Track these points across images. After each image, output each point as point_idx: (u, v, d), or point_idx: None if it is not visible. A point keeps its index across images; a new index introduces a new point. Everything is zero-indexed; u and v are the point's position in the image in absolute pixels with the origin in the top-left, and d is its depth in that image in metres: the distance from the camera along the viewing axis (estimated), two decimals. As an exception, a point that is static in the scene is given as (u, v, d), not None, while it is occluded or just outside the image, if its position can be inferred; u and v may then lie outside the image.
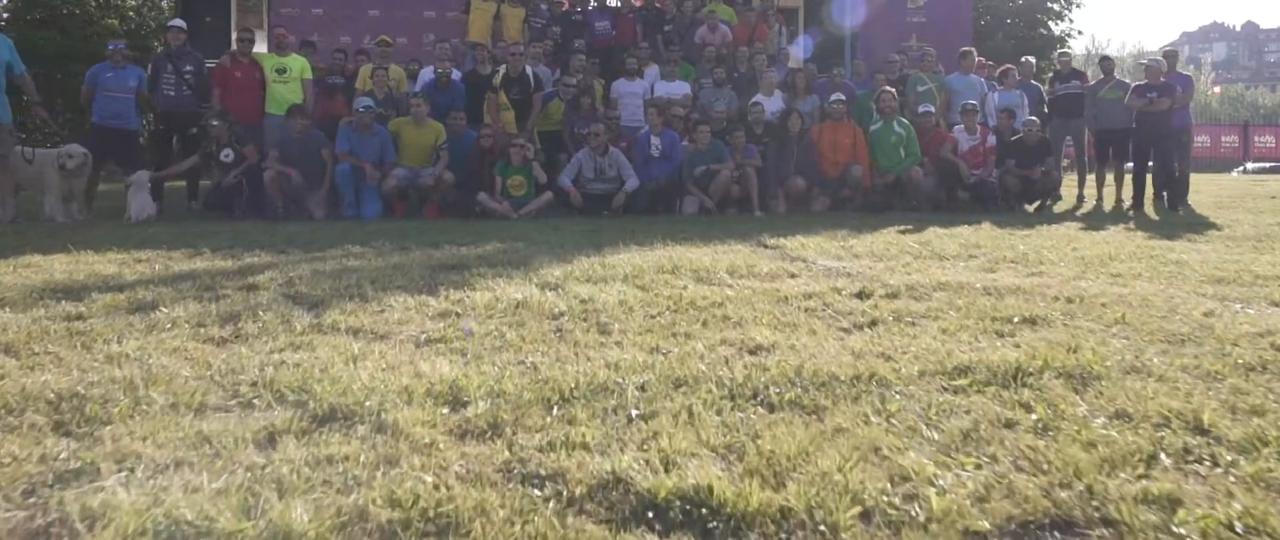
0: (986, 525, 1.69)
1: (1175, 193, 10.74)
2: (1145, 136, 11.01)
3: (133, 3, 20.64)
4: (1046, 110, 12.49)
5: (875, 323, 3.43)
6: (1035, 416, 2.27)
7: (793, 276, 4.69)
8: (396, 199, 9.18)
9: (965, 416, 2.28)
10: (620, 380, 2.58)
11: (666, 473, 1.88)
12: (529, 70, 9.95)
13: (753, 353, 2.97)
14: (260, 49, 10.76)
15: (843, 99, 10.05)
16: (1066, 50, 13.33)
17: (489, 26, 11.92)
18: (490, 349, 3.01)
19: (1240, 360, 2.84)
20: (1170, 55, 12.06)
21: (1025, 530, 1.69)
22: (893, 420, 2.25)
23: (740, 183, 9.51)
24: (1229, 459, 1.99)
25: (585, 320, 3.47)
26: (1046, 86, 13.19)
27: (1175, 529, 1.67)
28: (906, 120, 10.05)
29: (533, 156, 9.47)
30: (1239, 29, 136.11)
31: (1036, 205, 10.33)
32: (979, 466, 1.96)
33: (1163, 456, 2.00)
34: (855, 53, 13.85)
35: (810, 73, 11.55)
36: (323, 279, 4.55)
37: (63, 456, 2.00)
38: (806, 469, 1.92)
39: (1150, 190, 10.91)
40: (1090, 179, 12.05)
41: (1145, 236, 6.98)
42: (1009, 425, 2.23)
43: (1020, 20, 25.34)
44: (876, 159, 9.93)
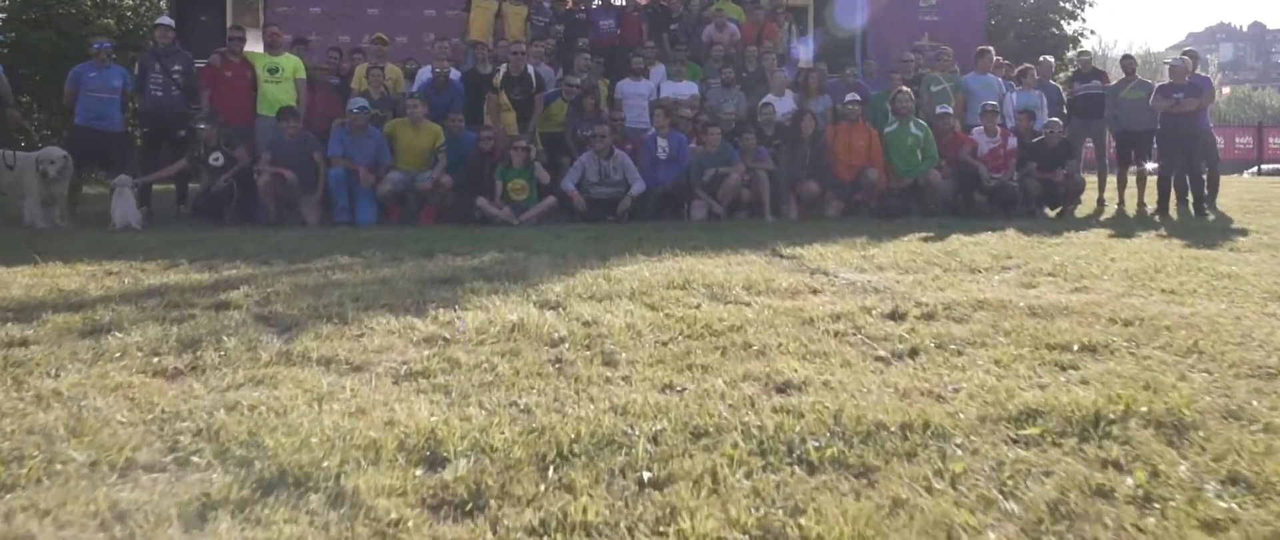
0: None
1: (1204, 195, 10.30)
2: (1171, 138, 10.59)
3: (130, 2, 20.27)
4: (1065, 111, 12.11)
5: (916, 352, 3.03)
6: (1132, 482, 1.88)
7: (815, 292, 4.30)
8: (392, 204, 8.80)
9: (1047, 482, 1.88)
10: (629, 430, 2.18)
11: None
12: (531, 70, 9.56)
13: (781, 391, 2.57)
14: (257, 48, 10.39)
15: (858, 99, 9.64)
16: (1086, 49, 12.93)
17: (490, 25, 11.54)
18: (478, 385, 2.62)
19: (1348, 401, 2.44)
20: (1191, 55, 11.64)
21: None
22: (960, 486, 1.86)
23: (751, 187, 9.11)
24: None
25: (588, 348, 3.08)
26: (1065, 86, 12.80)
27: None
28: (923, 122, 9.64)
29: (534, 159, 9.08)
30: (1245, 29, 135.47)
31: (1058, 210, 9.91)
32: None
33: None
34: (866, 52, 13.44)
35: (821, 72, 11.14)
36: (302, 296, 4.16)
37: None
38: (864, 561, 1.53)
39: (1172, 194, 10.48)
40: (1111, 182, 11.64)
41: (1182, 245, 6.57)
42: (1103, 494, 1.83)
43: (1031, 20, 24.91)
44: (892, 162, 9.52)
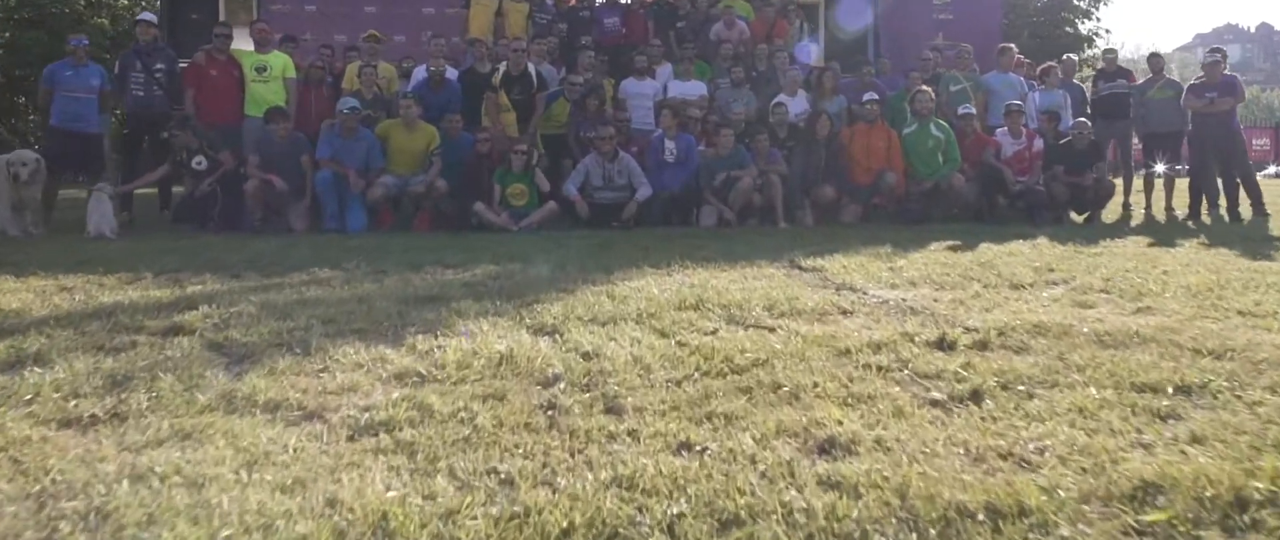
0: None
1: (1252, 201, 9.79)
2: (1204, 140, 10.09)
3: (124, 1, 19.89)
4: (1088, 111, 11.61)
5: (979, 395, 2.54)
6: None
7: (845, 314, 3.81)
8: (384, 209, 8.33)
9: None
10: (637, 515, 1.70)
11: None
12: (531, 68, 9.07)
13: (825, 452, 2.09)
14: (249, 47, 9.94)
15: (876, 98, 9.15)
16: (1111, 47, 12.44)
17: (490, 23, 11.08)
18: (451, 443, 2.14)
19: None
20: (1216, 51, 11.14)
21: None
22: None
23: (763, 191, 8.63)
24: None
25: (587, 389, 2.59)
26: (1088, 86, 12.30)
27: None
28: (944, 123, 9.14)
29: (535, 162, 8.61)
30: (1253, 30, 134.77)
31: (1086, 215, 9.40)
32: None
33: None
34: (878, 51, 12.95)
35: (835, 72, 10.65)
36: (266, 318, 3.68)
37: None
38: None
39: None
40: (1136, 185, 11.14)
41: (1235, 255, 6.06)
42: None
43: (1044, 19, 24.41)
44: (912, 165, 9.02)
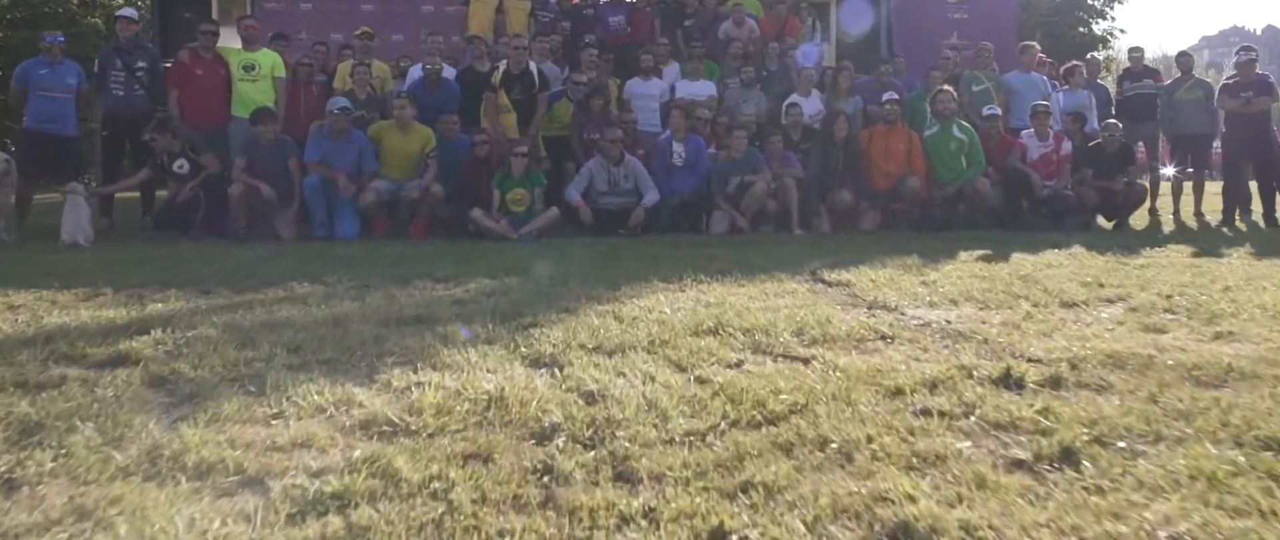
0: None
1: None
2: (1238, 143, 9.62)
3: (120, 0, 19.45)
4: (1113, 112, 11.14)
5: (1071, 455, 2.06)
6: None
7: (886, 340, 3.34)
8: (377, 216, 7.87)
9: None
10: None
11: None
12: (533, 66, 8.60)
13: (899, 543, 1.62)
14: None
15: (896, 98, 8.67)
16: (1138, 45, 11.93)
17: (491, 20, 10.63)
18: (417, 530, 1.67)
19: None
20: (1249, 49, 10.64)
21: None
22: None
23: (778, 196, 8.16)
24: None
25: (592, 445, 2.13)
26: (1113, 86, 11.82)
27: None
28: (967, 124, 8.65)
29: (537, 166, 8.16)
30: (1259, 33, 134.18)
31: (1116, 221, 8.92)
32: None
33: None
34: (891, 50, 12.49)
35: (850, 71, 10.16)
36: (226, 345, 3.22)
37: None
38: None
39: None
40: (1164, 189, 10.65)
41: (1293, 267, 5.59)
42: None
43: (1057, 20, 23.89)
44: (934, 168, 8.54)
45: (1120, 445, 2.13)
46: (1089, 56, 11.45)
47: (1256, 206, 9.52)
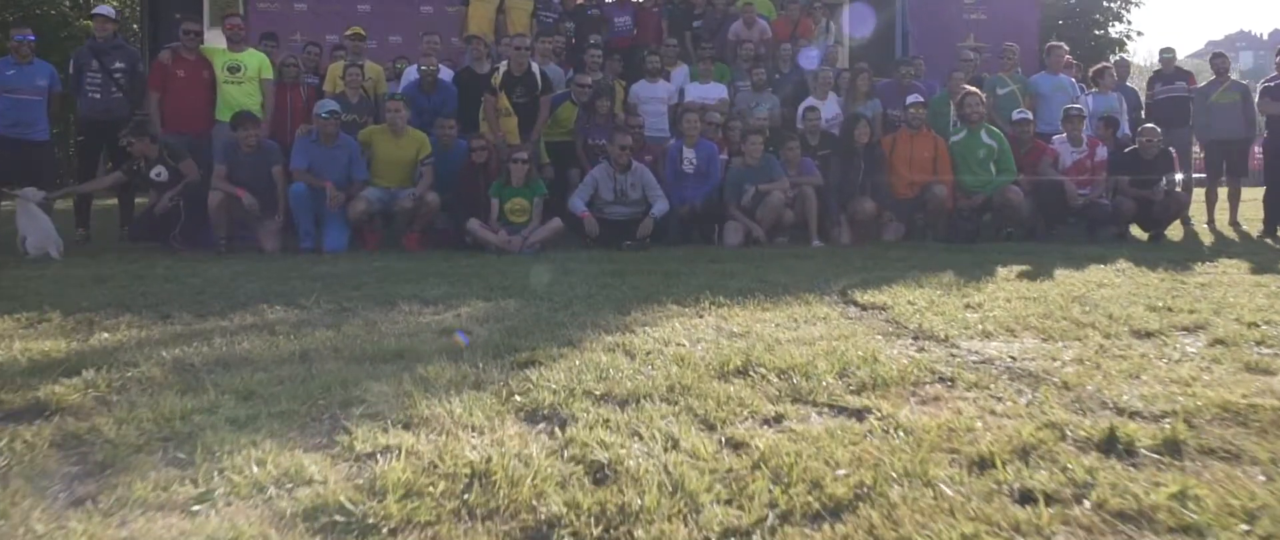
0: None
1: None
2: (1280, 148, 9.10)
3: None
4: (1143, 116, 10.64)
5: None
6: None
7: (946, 383, 2.82)
8: (368, 227, 7.37)
9: None
10: None
11: None
12: (535, 68, 8.10)
13: None
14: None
15: (921, 101, 8.15)
16: (1169, 46, 11.40)
17: (492, 21, 10.13)
18: None
19: None
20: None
21: None
22: None
23: (796, 206, 7.65)
24: None
25: (603, 550, 1.62)
26: (1143, 89, 11.31)
27: None
28: (996, 129, 8.13)
29: (538, 173, 7.66)
30: (1266, 37, 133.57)
31: (1152, 233, 8.39)
32: None
33: None
34: (906, 51, 11.98)
35: (869, 73, 9.64)
36: (165, 390, 2.72)
37: None
38: None
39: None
40: (1196, 196, 10.14)
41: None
42: None
43: (1071, 22, 23.38)
44: (961, 177, 8.02)
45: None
46: (1118, 58, 10.93)
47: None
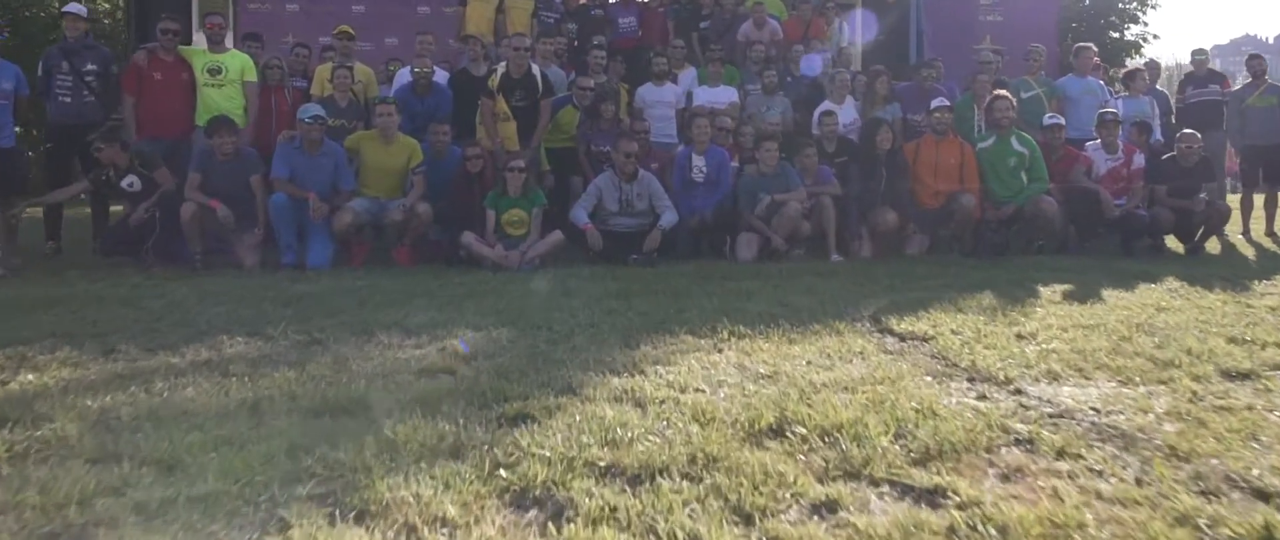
0: None
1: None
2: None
3: (105, 5, 18.61)
4: (1174, 120, 10.14)
5: None
6: None
7: (1026, 448, 2.31)
8: (355, 240, 6.86)
9: None
10: None
11: None
12: (535, 69, 7.59)
13: None
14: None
15: (948, 105, 7.63)
16: (1202, 47, 10.92)
17: (491, 22, 9.63)
18: None
19: None
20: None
21: None
22: None
23: (813, 217, 7.14)
24: None
25: None
26: (1174, 92, 10.81)
27: None
28: (1028, 136, 7.60)
29: (537, 183, 7.16)
30: (1271, 41, 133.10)
31: (1191, 244, 7.87)
32: None
33: None
34: (921, 54, 11.49)
35: (888, 76, 9.12)
36: (69, 461, 2.22)
37: None
38: None
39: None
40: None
41: None
42: None
43: (1086, 25, 22.86)
44: (989, 186, 7.49)
45: None
46: (1148, 60, 10.43)
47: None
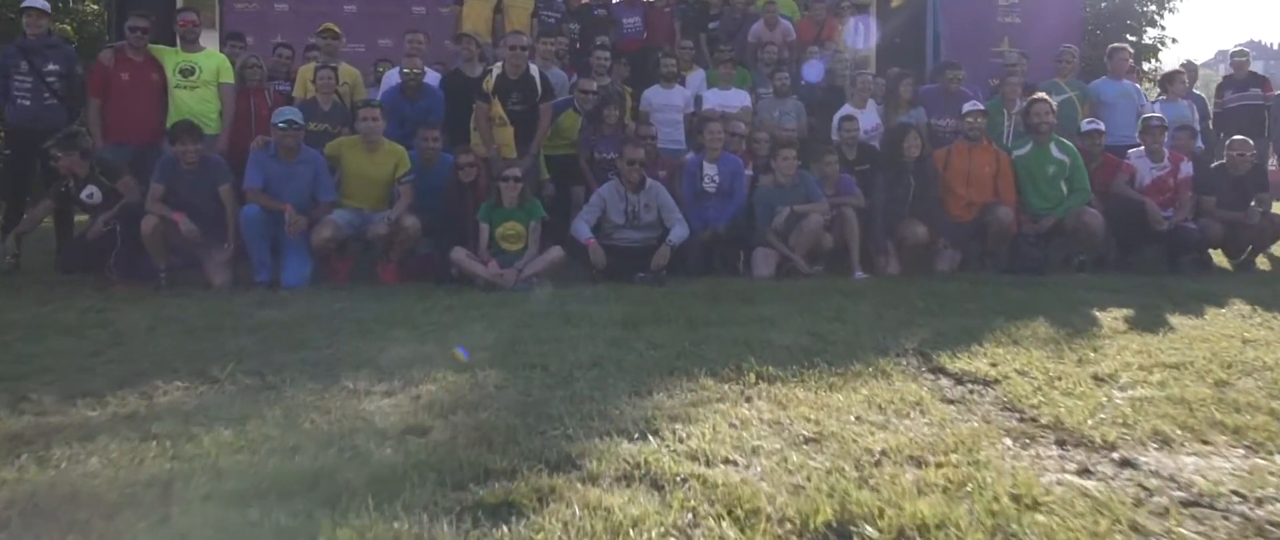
0: None
1: None
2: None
3: (94, 7, 18.04)
4: (1211, 125, 9.58)
5: None
6: None
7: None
8: (336, 256, 6.28)
9: None
10: None
11: None
12: (534, 71, 7.00)
13: None
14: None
15: (981, 109, 7.03)
16: (1242, 49, 10.36)
17: (489, 22, 9.06)
18: None
19: None
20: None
21: None
22: None
23: (836, 230, 6.55)
24: None
25: None
26: (1211, 96, 10.25)
27: None
28: (1069, 143, 7.00)
29: (535, 193, 6.58)
30: (1277, 47, 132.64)
31: (1240, 258, 7.28)
32: None
33: None
34: (938, 57, 10.90)
35: (911, 79, 8.53)
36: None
37: None
38: None
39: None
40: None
41: None
42: None
43: (1103, 27, 22.29)
44: (1026, 196, 6.90)
45: None
46: (1185, 62, 9.81)
47: None
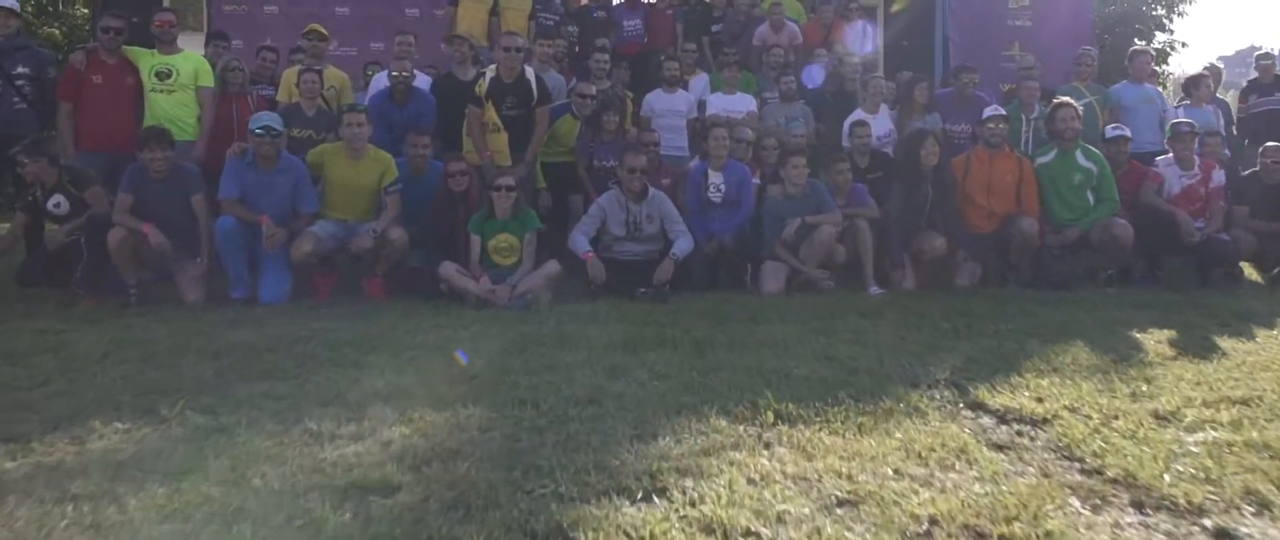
0: None
1: None
2: None
3: (85, 11, 17.71)
4: (1234, 131, 9.22)
5: None
6: None
7: None
8: (318, 271, 5.90)
9: None
10: None
11: None
12: (529, 73, 6.63)
13: None
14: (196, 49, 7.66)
15: (1003, 115, 6.65)
16: (1268, 51, 9.99)
17: (484, 24, 8.71)
18: None
19: None
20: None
21: None
22: None
23: (847, 242, 6.18)
24: None
25: None
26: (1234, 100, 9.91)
27: None
28: (1096, 151, 6.63)
29: (530, 203, 6.20)
30: (1278, 52, 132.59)
31: (1276, 271, 6.91)
32: None
33: None
34: (947, 61, 10.55)
35: (927, 84, 8.16)
36: None
37: None
38: None
39: None
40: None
41: None
42: None
43: (1112, 32, 21.95)
44: (1050, 207, 6.52)
45: None
46: (1210, 65, 9.45)
47: None
